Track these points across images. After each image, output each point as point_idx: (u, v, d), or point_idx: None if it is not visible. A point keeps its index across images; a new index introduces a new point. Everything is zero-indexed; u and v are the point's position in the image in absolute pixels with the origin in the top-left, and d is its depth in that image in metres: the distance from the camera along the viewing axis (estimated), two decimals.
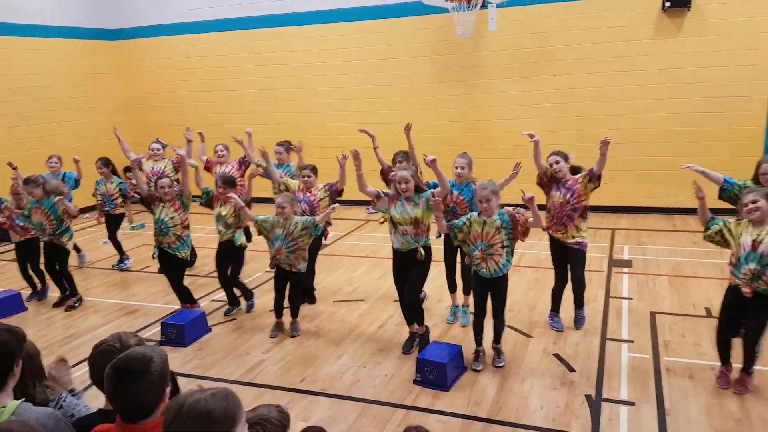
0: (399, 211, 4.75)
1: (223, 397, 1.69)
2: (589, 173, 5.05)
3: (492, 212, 4.41)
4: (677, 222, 8.93)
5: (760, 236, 3.83)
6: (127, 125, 12.97)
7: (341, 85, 11.08)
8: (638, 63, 9.12)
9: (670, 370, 4.49)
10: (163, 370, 1.96)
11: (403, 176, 4.68)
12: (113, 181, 7.95)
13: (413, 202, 4.73)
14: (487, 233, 4.42)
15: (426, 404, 4.23)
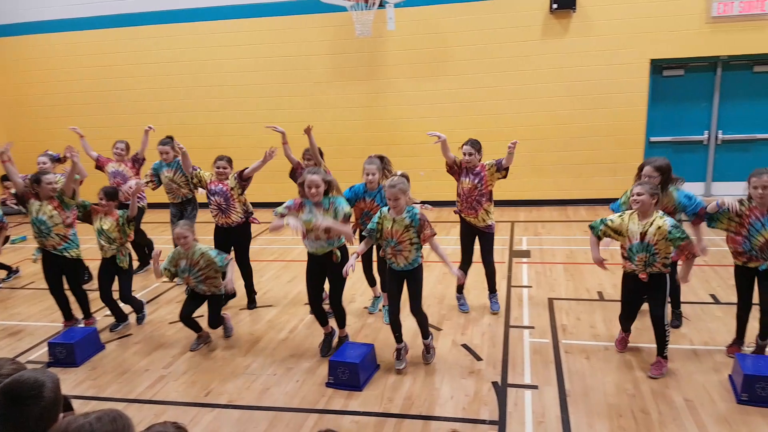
0: (308, 218, 4.59)
1: (111, 420, 1.60)
2: (497, 163, 5.41)
3: (401, 210, 4.40)
4: (569, 213, 9.55)
5: (645, 228, 4.16)
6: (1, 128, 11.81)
7: (238, 83, 10.76)
8: (529, 62, 9.63)
9: (569, 353, 4.75)
10: (56, 395, 1.86)
11: (314, 180, 4.48)
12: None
13: (323, 207, 4.60)
14: (397, 230, 4.43)
15: (339, 406, 4.18)
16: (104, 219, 5.54)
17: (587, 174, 9.86)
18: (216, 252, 5.15)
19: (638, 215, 4.21)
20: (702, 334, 4.94)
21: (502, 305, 5.73)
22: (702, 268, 6.37)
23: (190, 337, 5.43)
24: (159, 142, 6.87)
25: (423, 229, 4.39)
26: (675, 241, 4.06)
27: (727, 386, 4.10)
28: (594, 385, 4.23)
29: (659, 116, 9.71)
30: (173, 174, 6.80)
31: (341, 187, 4.88)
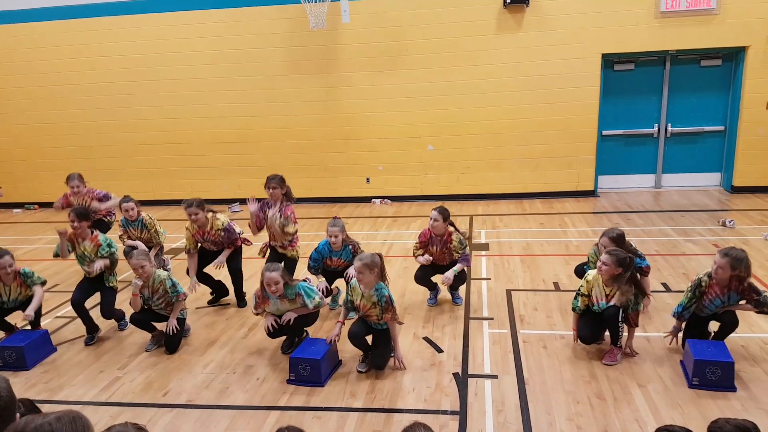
0: (274, 309, 4.78)
1: (70, 420, 1.55)
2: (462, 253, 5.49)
3: (368, 286, 4.42)
4: (526, 206, 9.73)
5: (611, 292, 4.42)
6: None
7: (189, 76, 10.44)
8: (485, 57, 9.71)
9: (527, 342, 4.85)
10: (10, 396, 1.80)
11: (272, 278, 4.54)
12: None
13: (287, 298, 4.71)
14: (365, 305, 4.50)
15: (301, 402, 4.15)
16: (83, 243, 5.34)
17: (543, 167, 10.06)
18: (172, 283, 5.05)
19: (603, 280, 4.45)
20: (654, 321, 5.11)
21: (463, 298, 5.80)
22: (654, 257, 6.60)
23: (145, 338, 5.30)
24: (121, 199, 6.72)
25: (386, 311, 4.42)
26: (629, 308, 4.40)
27: (679, 371, 4.26)
28: (551, 373, 4.33)
29: (611, 110, 10.00)
30: (139, 233, 6.67)
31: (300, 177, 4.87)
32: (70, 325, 5.73)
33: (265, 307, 4.78)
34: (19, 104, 11.00)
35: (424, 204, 10.23)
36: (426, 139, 10.22)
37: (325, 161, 10.54)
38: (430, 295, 5.79)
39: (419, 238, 5.64)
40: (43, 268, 7.53)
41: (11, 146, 11.29)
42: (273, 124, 10.50)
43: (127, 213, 6.56)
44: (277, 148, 10.57)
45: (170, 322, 5.04)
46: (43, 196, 11.13)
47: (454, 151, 10.20)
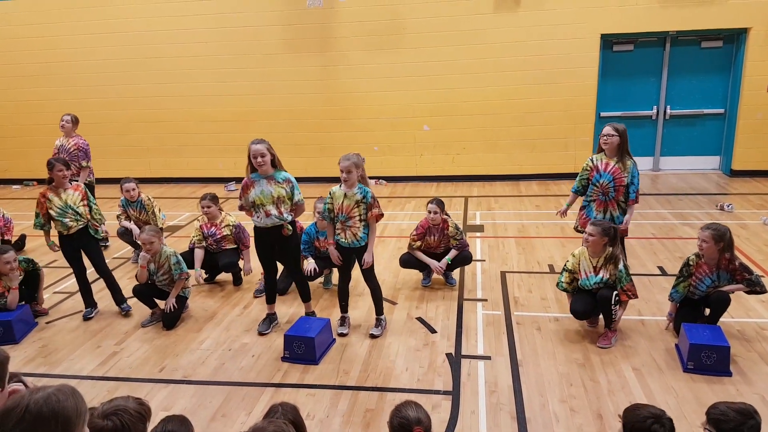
0: (258, 192, 4.52)
1: (71, 394, 1.58)
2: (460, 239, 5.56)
3: (353, 184, 4.45)
4: (522, 187, 9.73)
5: (599, 263, 4.46)
6: None
7: (184, 54, 10.32)
8: (483, 36, 9.61)
9: (520, 324, 4.89)
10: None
11: (258, 150, 4.43)
12: None
13: (274, 180, 4.54)
14: (348, 206, 4.48)
15: (295, 380, 4.20)
16: (65, 192, 5.09)
17: (540, 149, 10.03)
18: (177, 260, 5.12)
19: (589, 252, 4.49)
20: (650, 305, 5.15)
21: (456, 279, 5.83)
22: (650, 240, 6.64)
23: (143, 314, 5.33)
24: (122, 180, 6.60)
25: (372, 207, 4.47)
26: (621, 280, 4.41)
27: (674, 355, 4.29)
28: (545, 355, 4.37)
29: (609, 91, 9.94)
30: (138, 214, 6.60)
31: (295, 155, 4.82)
32: (68, 300, 5.76)
33: (247, 195, 4.54)
34: (13, 81, 10.87)
35: (419, 185, 10.21)
36: (422, 120, 10.16)
37: (321, 140, 10.48)
38: (423, 275, 5.81)
39: (416, 230, 5.64)
40: (41, 243, 7.52)
41: (5, 123, 11.19)
42: (269, 103, 10.41)
43: (127, 193, 6.51)
44: (273, 127, 10.48)
45: (169, 300, 5.10)
46: (39, 173, 11.04)
47: (449, 132, 10.15)
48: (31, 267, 5.37)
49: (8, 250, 5.09)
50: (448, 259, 5.51)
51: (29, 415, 1.48)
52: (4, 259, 5.01)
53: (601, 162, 5.16)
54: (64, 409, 1.53)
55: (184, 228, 8.09)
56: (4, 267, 5.03)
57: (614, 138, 5.06)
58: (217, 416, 3.81)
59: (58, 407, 1.52)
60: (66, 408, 1.53)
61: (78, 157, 7.14)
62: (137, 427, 1.99)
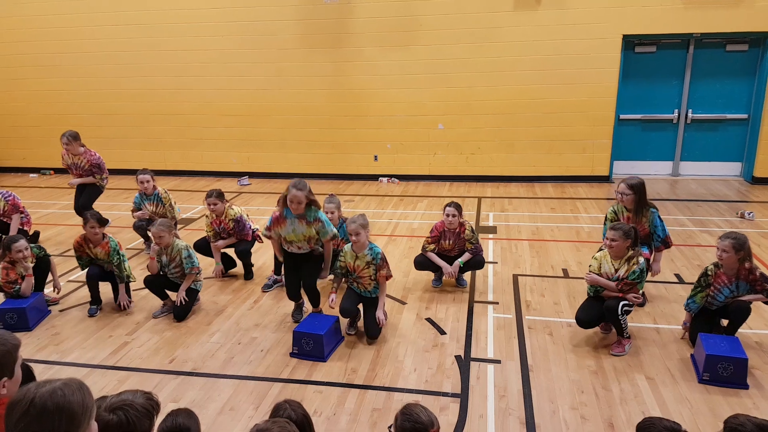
0: (290, 230, 4.67)
1: (78, 388, 1.57)
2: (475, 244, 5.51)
3: (362, 246, 4.58)
4: (537, 189, 9.62)
5: (620, 265, 4.39)
6: None
7: (199, 48, 10.34)
8: (501, 34, 9.49)
9: (532, 329, 4.82)
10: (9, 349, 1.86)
11: (297, 197, 4.48)
12: None
13: (306, 220, 4.63)
14: (359, 266, 4.64)
15: (303, 376, 4.19)
16: (96, 247, 5.32)
17: (557, 150, 9.92)
18: (188, 254, 5.17)
19: (612, 255, 4.43)
20: (665, 313, 5.05)
21: (468, 281, 5.77)
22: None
23: (154, 305, 5.37)
24: (138, 172, 6.59)
25: (381, 268, 4.62)
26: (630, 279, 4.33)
27: (689, 365, 4.20)
28: (556, 361, 4.31)
29: (630, 93, 9.78)
30: (155, 207, 6.63)
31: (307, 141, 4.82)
32: (82, 290, 5.80)
33: (278, 229, 4.67)
34: (34, 71, 10.99)
35: (431, 184, 10.15)
36: (436, 118, 10.09)
37: (333, 137, 10.46)
38: (434, 276, 5.77)
39: (431, 232, 5.59)
40: (57, 233, 7.63)
41: (25, 113, 11.33)
42: (282, 98, 10.41)
43: (142, 185, 6.53)
44: (286, 122, 10.50)
45: (180, 292, 5.14)
46: (57, 162, 11.17)
47: (464, 131, 10.07)
48: (42, 253, 5.43)
49: (19, 239, 5.15)
50: (461, 263, 5.46)
51: (34, 408, 1.48)
52: (16, 247, 5.07)
53: (622, 215, 5.14)
54: (69, 404, 1.52)
55: (197, 221, 8.13)
56: (17, 255, 5.09)
57: (629, 197, 5.01)
58: (224, 410, 3.82)
59: (63, 402, 1.51)
60: (71, 403, 1.52)
61: (93, 172, 7.17)
62: (143, 423, 1.98)
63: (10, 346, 1.86)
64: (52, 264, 5.53)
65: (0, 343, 1.85)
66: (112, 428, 1.89)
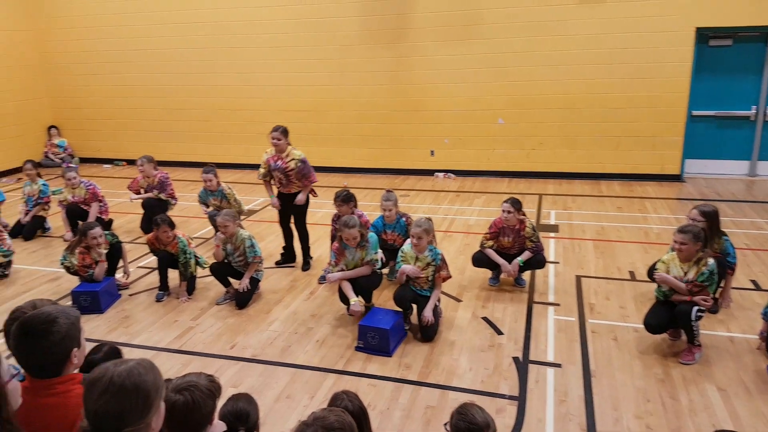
0: (350, 258, 4.95)
1: (150, 368, 1.64)
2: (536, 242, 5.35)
3: (423, 249, 4.63)
4: (603, 187, 9.27)
5: (690, 268, 4.18)
6: (41, 85, 11.99)
7: (265, 44, 10.56)
8: (566, 27, 9.18)
9: (595, 333, 4.65)
10: (68, 332, 1.91)
11: (352, 234, 4.81)
12: (38, 182, 7.66)
13: (361, 246, 4.92)
14: (418, 266, 4.67)
15: (357, 369, 4.22)
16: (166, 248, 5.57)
17: (624, 147, 9.52)
18: (251, 244, 5.33)
19: (681, 258, 4.23)
20: (740, 321, 4.76)
21: (527, 281, 5.62)
22: (743, 252, 6.13)
23: (218, 292, 5.56)
24: (203, 170, 6.81)
25: (441, 269, 4.66)
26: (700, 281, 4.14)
27: (765, 378, 3.95)
28: (621, 367, 4.13)
29: (703, 89, 9.24)
30: (219, 203, 6.83)
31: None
32: (150, 276, 6.07)
33: (342, 260, 4.94)
34: (111, 67, 11.56)
35: (489, 180, 9.97)
36: (496, 112, 9.89)
37: (389, 132, 10.45)
38: (492, 275, 5.66)
39: (489, 228, 5.49)
40: (128, 221, 8.01)
41: (102, 107, 11.95)
42: (341, 94, 10.50)
43: (206, 184, 6.76)
44: (343, 118, 10.58)
45: (243, 280, 5.30)
46: (128, 153, 11.79)
47: (526, 126, 9.83)
48: (115, 240, 5.72)
49: (95, 226, 5.47)
50: (520, 261, 5.32)
51: (113, 386, 1.54)
52: (91, 234, 5.37)
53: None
54: (144, 383, 1.58)
55: (259, 213, 8.33)
56: (92, 241, 5.39)
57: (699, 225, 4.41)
58: (281, 397, 3.90)
59: (139, 380, 1.57)
60: (146, 382, 1.58)
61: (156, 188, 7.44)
62: (207, 404, 2.04)
63: (74, 318, 1.96)
64: (124, 250, 5.82)
65: (65, 316, 1.93)
66: (178, 408, 1.95)
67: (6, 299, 5.62)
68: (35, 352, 1.87)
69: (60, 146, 12.16)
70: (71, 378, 1.95)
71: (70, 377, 1.95)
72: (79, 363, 1.99)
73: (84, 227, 5.48)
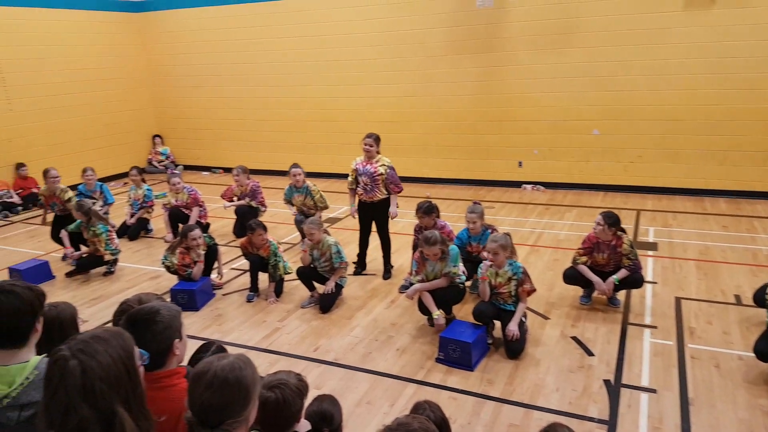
0: (430, 270, 4.91)
1: (248, 363, 1.72)
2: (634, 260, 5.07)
3: (500, 264, 4.57)
4: (707, 204, 8.62)
5: None
6: (147, 96, 13.00)
7: (353, 57, 10.81)
8: (667, 36, 8.68)
9: (695, 358, 4.32)
10: (170, 323, 2.02)
11: (434, 251, 4.77)
12: (143, 187, 8.30)
13: (442, 260, 4.88)
14: (499, 283, 4.59)
15: (438, 380, 4.17)
16: (259, 251, 5.82)
17: (730, 162, 8.80)
18: (337, 250, 5.48)
19: None
20: None
21: (621, 300, 5.32)
22: None
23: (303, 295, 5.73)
24: (291, 165, 7.16)
25: (523, 282, 4.54)
26: None
27: None
28: (722, 397, 3.81)
29: None
30: (303, 199, 7.15)
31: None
32: (241, 277, 6.37)
33: (423, 270, 4.92)
34: (211, 79, 12.35)
35: (582, 193, 9.57)
36: (591, 123, 9.49)
37: (476, 142, 10.32)
38: (583, 293, 5.40)
39: (583, 243, 5.25)
40: (222, 225, 8.46)
41: (201, 117, 12.78)
42: (426, 105, 10.52)
43: (294, 177, 7.06)
44: (428, 128, 10.58)
45: (329, 283, 5.46)
46: (225, 162, 12.49)
47: (623, 138, 9.35)
48: (212, 242, 6.06)
49: (195, 228, 5.83)
50: (616, 280, 5.04)
51: (217, 380, 1.62)
52: (191, 235, 5.73)
53: None
54: (245, 378, 1.65)
55: (342, 221, 8.50)
56: (192, 243, 5.74)
57: None
58: (362, 402, 3.93)
59: (240, 375, 1.65)
60: (245, 377, 1.66)
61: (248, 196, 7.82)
62: (296, 402, 2.10)
63: (175, 312, 2.08)
64: (219, 253, 6.15)
65: (167, 309, 2.06)
66: (269, 405, 2.02)
67: (112, 294, 6.11)
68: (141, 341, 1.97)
69: (163, 154, 13.11)
70: (176, 372, 2.04)
71: (176, 371, 2.04)
72: (182, 355, 2.09)
73: (185, 229, 5.86)
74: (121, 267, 6.86)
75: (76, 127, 11.44)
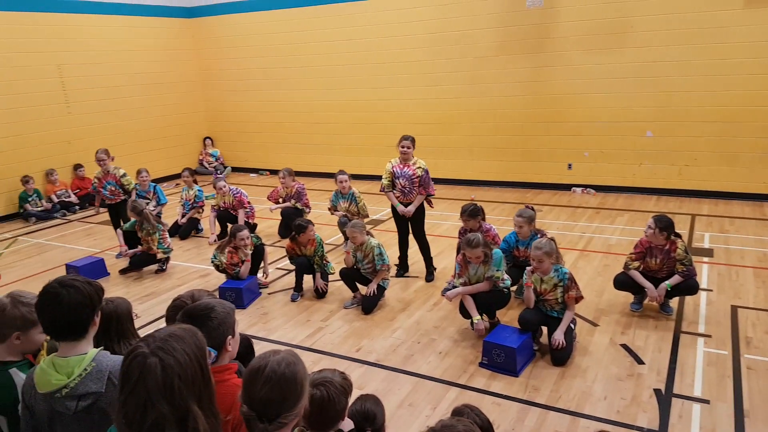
0: (473, 273, 4.88)
1: (298, 360, 1.74)
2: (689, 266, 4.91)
3: (546, 271, 4.49)
4: (766, 209, 8.21)
5: None
6: (199, 99, 13.41)
7: (399, 59, 10.84)
8: (726, 35, 8.33)
9: (752, 369, 4.14)
10: (224, 320, 2.05)
11: (476, 254, 4.74)
12: (194, 188, 8.59)
13: (484, 263, 4.85)
14: (545, 289, 4.51)
15: (481, 385, 4.13)
16: (305, 248, 5.96)
17: None
18: (379, 252, 5.51)
19: None
20: None
21: (674, 308, 5.14)
22: None
23: (346, 296, 5.79)
24: (338, 171, 7.30)
25: (570, 289, 4.44)
26: None
27: None
28: None
29: None
30: (348, 205, 7.29)
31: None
32: (286, 277, 6.49)
33: (465, 273, 4.90)
34: (261, 84, 12.63)
35: (634, 197, 9.28)
36: (644, 125, 9.20)
37: (524, 144, 10.17)
38: (634, 299, 5.24)
39: (635, 248, 5.10)
40: (268, 226, 8.64)
41: (250, 120, 13.09)
42: (474, 106, 10.43)
43: (340, 184, 7.21)
44: (475, 130, 10.49)
45: (371, 285, 5.51)
46: (272, 164, 12.75)
47: (677, 140, 9.02)
48: (259, 242, 6.20)
49: (243, 229, 5.99)
50: (668, 285, 4.86)
51: (274, 375, 1.65)
52: (239, 236, 5.89)
53: None
54: (297, 373, 1.69)
55: (385, 222, 8.54)
56: (240, 242, 5.89)
57: None
58: (404, 404, 3.94)
59: (295, 370, 1.68)
60: (298, 372, 1.69)
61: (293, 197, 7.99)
62: (341, 400, 2.12)
63: (229, 309, 2.13)
64: (266, 252, 6.29)
65: (221, 306, 2.11)
66: (315, 402, 2.05)
67: (164, 291, 6.33)
68: None
69: (213, 156, 13.50)
70: (228, 368, 2.09)
71: (227, 367, 2.08)
72: (234, 352, 2.13)
73: (234, 229, 6.03)
74: (172, 265, 7.10)
75: (131, 129, 11.92)
